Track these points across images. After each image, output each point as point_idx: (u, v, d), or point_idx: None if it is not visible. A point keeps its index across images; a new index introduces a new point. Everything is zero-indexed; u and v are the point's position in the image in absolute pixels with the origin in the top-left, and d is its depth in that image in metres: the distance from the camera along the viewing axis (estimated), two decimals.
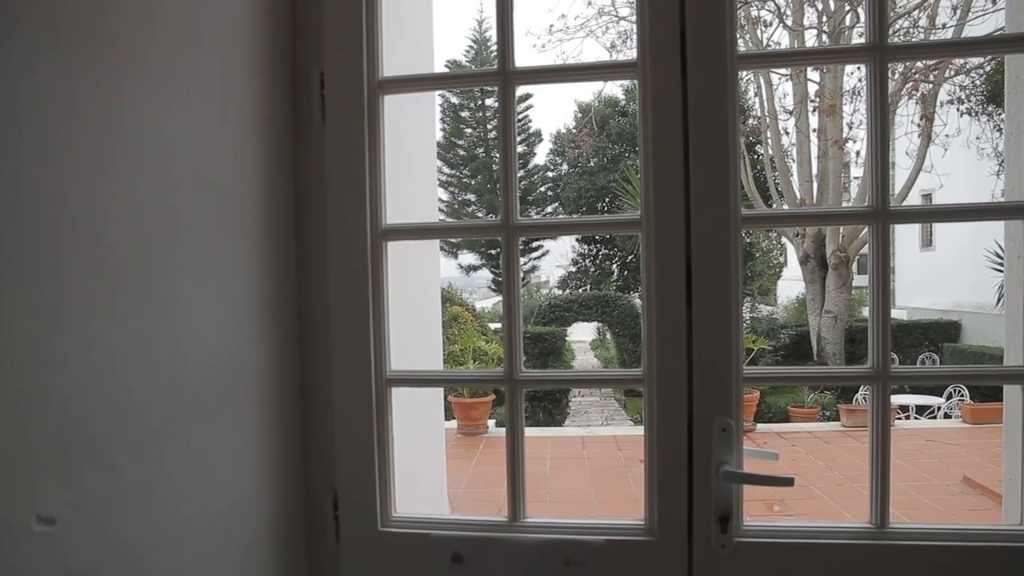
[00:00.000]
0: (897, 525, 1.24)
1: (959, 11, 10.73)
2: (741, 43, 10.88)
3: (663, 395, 1.25)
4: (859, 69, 11.07)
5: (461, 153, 23.63)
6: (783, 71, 12.22)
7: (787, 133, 12.92)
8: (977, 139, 11.82)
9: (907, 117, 11.39)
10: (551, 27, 17.71)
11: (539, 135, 24.02)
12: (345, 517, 1.36)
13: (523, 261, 13.38)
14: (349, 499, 1.36)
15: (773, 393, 10.08)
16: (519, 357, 1.33)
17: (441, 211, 21.40)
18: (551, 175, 23.90)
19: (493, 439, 7.70)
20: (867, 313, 1.31)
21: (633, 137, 19.49)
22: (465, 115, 23.62)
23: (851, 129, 12.24)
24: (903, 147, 11.84)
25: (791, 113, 12.53)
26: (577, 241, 22.17)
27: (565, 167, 22.82)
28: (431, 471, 2.45)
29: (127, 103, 0.99)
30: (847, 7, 11.35)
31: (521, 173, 21.24)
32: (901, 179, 11.72)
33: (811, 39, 12.16)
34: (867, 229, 1.28)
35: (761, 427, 8.49)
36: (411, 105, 2.16)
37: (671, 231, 1.23)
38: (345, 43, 1.32)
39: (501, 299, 1.35)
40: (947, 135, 11.60)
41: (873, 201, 1.22)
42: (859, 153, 12.91)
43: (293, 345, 1.37)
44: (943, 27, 10.88)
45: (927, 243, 16.56)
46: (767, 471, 1.24)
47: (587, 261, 22.53)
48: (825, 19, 11.87)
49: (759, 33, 11.99)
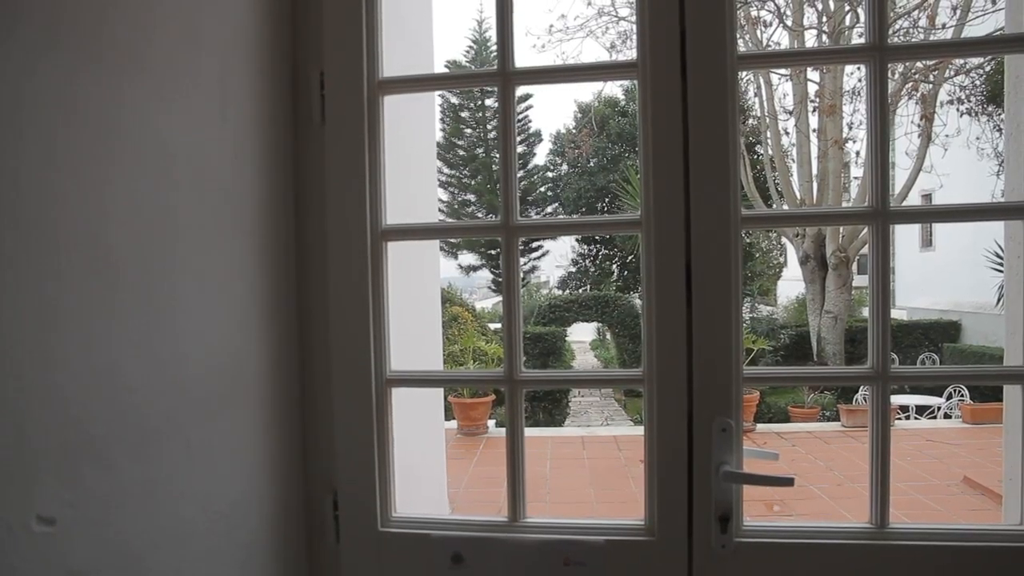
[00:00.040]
0: (897, 525, 1.24)
1: (959, 11, 10.73)
2: (741, 43, 10.88)
3: (663, 395, 1.25)
4: (859, 69, 11.08)
5: (461, 153, 23.64)
6: (783, 71, 12.23)
7: (787, 133, 12.93)
8: (977, 139, 11.82)
9: (907, 117, 11.40)
10: (551, 27, 17.76)
11: (539, 135, 24.05)
12: (345, 517, 1.36)
13: (523, 261, 13.38)
14: (349, 499, 1.36)
15: (773, 393, 10.08)
16: (519, 357, 1.33)
17: (441, 211, 21.41)
18: (551, 175, 23.91)
19: (493, 439, 7.70)
20: (867, 313, 1.31)
21: (633, 137, 19.49)
22: (465, 115, 23.63)
23: (851, 129, 12.25)
24: (903, 147, 11.85)
25: (791, 113, 12.53)
26: (577, 241, 22.18)
27: (565, 167, 22.83)
28: (431, 471, 2.45)
29: (127, 103, 1.00)
30: (847, 7, 11.35)
31: (521, 173, 21.25)
32: (901, 179, 11.72)
33: (811, 39, 12.16)
34: (867, 229, 1.28)
35: (761, 427, 8.50)
36: (411, 105, 2.15)
37: (671, 231, 1.23)
38: (345, 43, 1.32)
39: (501, 299, 1.35)
40: (947, 135, 11.60)
41: (873, 201, 1.22)
42: (859, 153, 12.92)
43: (293, 345, 1.37)
44: (943, 27, 10.88)
45: (927, 243, 16.56)
46: (767, 471, 1.24)
47: (587, 261, 22.54)
48: (825, 19, 11.88)
49: (759, 33, 12.00)
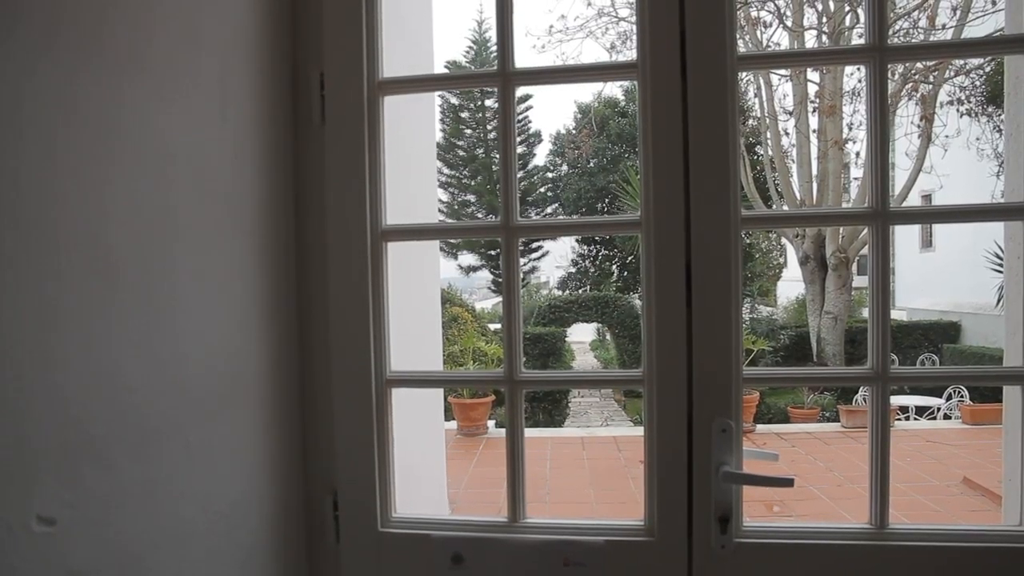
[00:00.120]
0: (897, 526, 1.24)
1: (959, 12, 10.73)
2: (741, 44, 10.88)
3: (663, 396, 1.25)
4: (859, 70, 11.08)
5: (461, 154, 23.64)
6: (783, 72, 12.23)
7: (787, 134, 12.92)
8: (977, 140, 11.82)
9: (907, 118, 11.40)
10: (551, 28, 17.77)
11: (539, 136, 24.05)
12: (345, 517, 1.36)
13: (523, 262, 13.38)
14: (349, 499, 1.36)
15: (773, 394, 10.08)
16: (519, 358, 1.33)
17: (441, 212, 21.42)
18: (551, 176, 23.91)
19: (493, 440, 7.70)
20: (867, 314, 1.31)
21: (633, 138, 19.50)
22: (465, 116, 23.63)
23: (851, 130, 12.25)
24: (903, 148, 11.85)
25: (791, 114, 12.53)
26: (577, 242, 22.16)
27: (565, 168, 22.81)
28: (431, 471, 2.45)
29: (127, 103, 1.00)
30: (847, 8, 11.35)
31: (521, 174, 21.25)
32: (901, 180, 11.72)
33: (811, 40, 12.16)
34: (867, 230, 1.28)
35: (761, 428, 8.50)
36: (411, 106, 2.16)
37: (671, 232, 1.23)
38: (345, 44, 1.32)
39: (501, 300, 1.35)
40: (947, 136, 11.60)
41: (873, 202, 1.22)
42: (859, 154, 12.91)
43: (293, 345, 1.37)
44: (943, 28, 10.88)
45: (927, 244, 16.56)
46: (767, 472, 1.24)
47: (587, 262, 22.53)
48: (825, 20, 11.88)
49: (759, 34, 12.00)
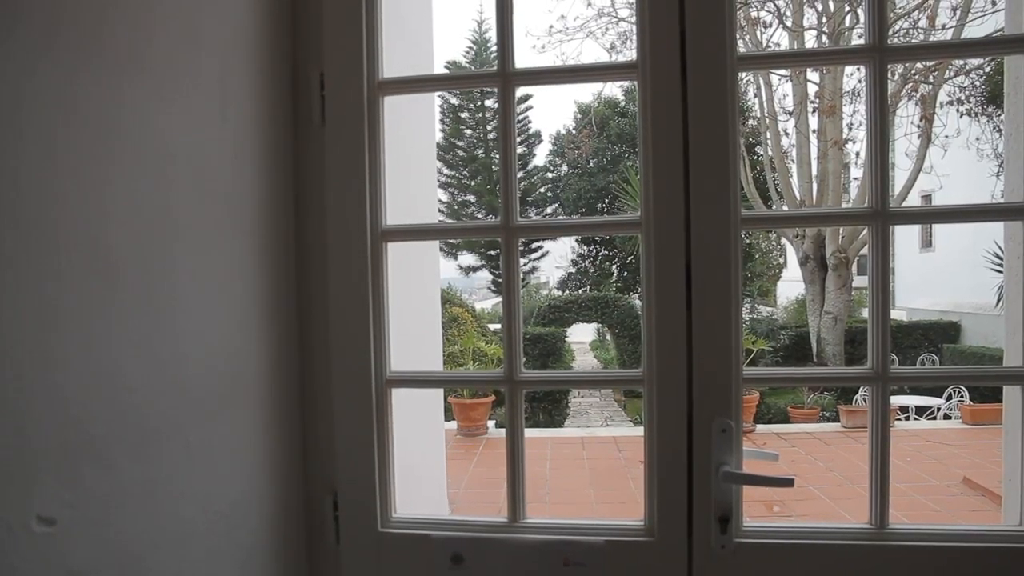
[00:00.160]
0: (897, 526, 1.24)
1: (959, 12, 10.74)
2: (741, 44, 10.89)
3: (663, 396, 1.25)
4: (859, 70, 11.08)
5: (461, 154, 23.64)
6: (783, 72, 12.23)
7: (787, 134, 12.93)
8: (977, 140, 11.82)
9: (907, 118, 11.40)
10: (551, 28, 17.81)
11: (539, 136, 24.05)
12: (345, 517, 1.36)
13: (523, 262, 13.37)
14: (349, 499, 1.36)
15: (773, 394, 10.08)
16: (519, 358, 1.33)
17: (441, 212, 21.42)
18: (551, 176, 23.91)
19: (493, 440, 7.70)
20: (867, 314, 1.31)
21: (633, 138, 19.49)
22: (465, 116, 23.63)
23: (851, 130, 12.25)
24: (903, 148, 11.85)
25: (791, 114, 12.53)
26: (577, 242, 22.16)
27: (565, 168, 22.82)
28: (431, 472, 2.45)
29: (127, 103, 1.00)
30: (847, 8, 11.35)
31: (521, 174, 21.24)
32: (901, 180, 11.72)
33: (811, 40, 12.16)
34: (867, 230, 1.28)
35: (761, 428, 8.50)
36: (411, 106, 2.16)
37: (671, 232, 1.23)
38: (345, 44, 1.32)
39: (501, 300, 1.35)
40: (947, 136, 11.60)
41: (873, 202, 1.22)
42: (859, 154, 12.91)
43: (293, 345, 1.37)
44: (943, 28, 10.88)
45: (927, 244, 16.56)
46: (767, 472, 1.24)
47: (587, 262, 22.53)
48: (825, 20, 11.88)
49: (759, 34, 12.00)
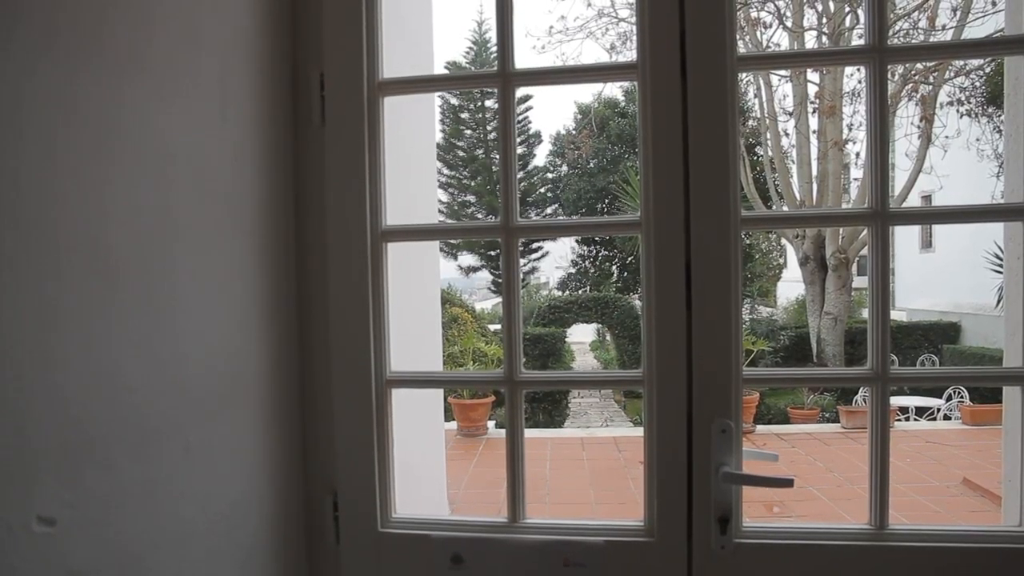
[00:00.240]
0: (896, 526, 1.24)
1: (959, 13, 10.73)
2: (741, 44, 10.88)
3: (663, 396, 1.25)
4: (859, 70, 11.08)
5: (461, 154, 23.65)
6: (783, 72, 12.23)
7: (787, 134, 12.93)
8: (977, 140, 11.81)
9: (907, 119, 11.40)
10: (551, 28, 17.82)
11: (539, 136, 24.06)
12: (345, 518, 1.36)
13: (523, 262, 13.36)
14: (349, 500, 1.36)
15: (773, 394, 10.07)
16: (519, 358, 1.33)
17: (441, 212, 21.41)
18: (551, 176, 23.92)
19: (493, 440, 7.70)
20: (867, 314, 1.31)
21: (633, 138, 19.50)
22: (465, 116, 23.64)
23: (851, 131, 12.26)
24: (903, 148, 11.85)
25: (791, 114, 12.53)
26: (577, 242, 22.16)
27: (565, 168, 22.83)
28: (431, 472, 2.45)
29: (127, 103, 1.00)
30: (847, 9, 11.35)
31: (521, 174, 21.25)
32: (901, 180, 11.72)
33: (811, 41, 12.17)
34: (867, 231, 1.28)
35: (761, 428, 8.50)
36: (411, 106, 2.16)
37: (671, 232, 1.23)
38: (345, 44, 1.32)
39: (501, 300, 1.35)
40: (947, 137, 11.60)
41: (873, 203, 1.22)
42: (859, 154, 12.92)
43: (293, 345, 1.37)
44: (943, 29, 10.88)
45: (927, 244, 16.56)
46: (766, 472, 1.24)
47: (587, 262, 22.54)
48: (825, 21, 11.88)
49: (759, 34, 12.00)
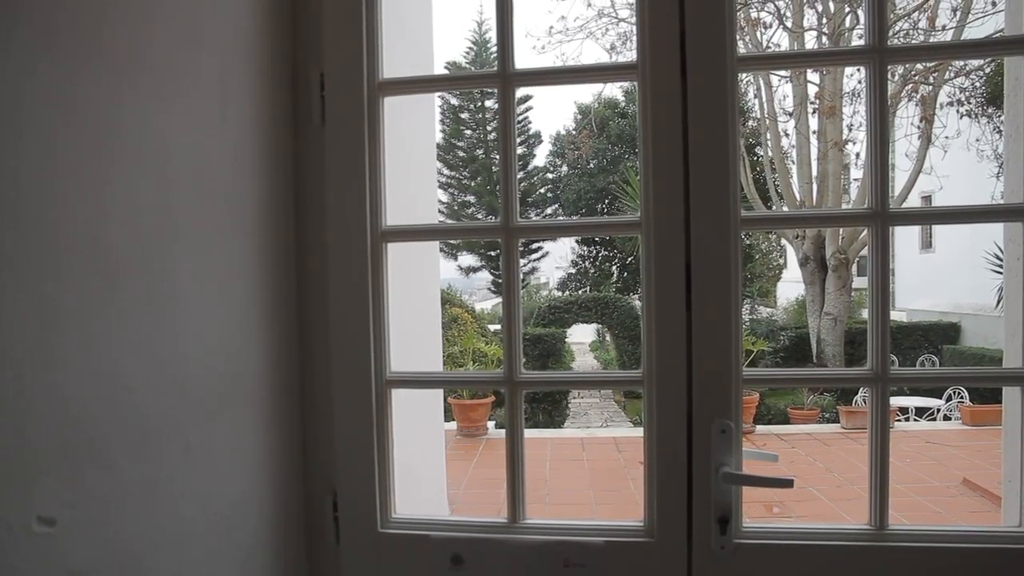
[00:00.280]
0: (896, 527, 1.24)
1: (959, 13, 10.73)
2: (741, 45, 10.88)
3: (663, 397, 1.25)
4: (859, 71, 11.08)
5: (461, 155, 23.64)
6: (783, 73, 12.23)
7: (787, 135, 12.92)
8: (977, 141, 11.81)
9: (907, 119, 11.40)
10: (551, 29, 17.81)
11: (539, 137, 24.05)
12: (345, 518, 1.36)
13: (523, 263, 13.36)
14: (349, 500, 1.36)
15: (773, 395, 10.07)
16: (519, 359, 1.33)
17: (441, 212, 21.40)
18: (551, 177, 23.91)
19: (493, 440, 7.71)
20: (867, 315, 1.31)
21: (633, 139, 19.50)
22: (465, 116, 23.63)
23: (851, 131, 12.25)
24: (903, 149, 11.85)
25: (791, 115, 12.52)
26: (577, 243, 22.15)
27: (565, 169, 22.82)
28: (431, 472, 2.44)
29: (127, 103, 1.00)
30: (847, 9, 11.35)
31: (521, 175, 21.25)
32: (901, 181, 11.72)
33: (811, 41, 12.17)
34: (866, 231, 1.28)
35: (761, 429, 8.50)
36: (411, 106, 2.16)
37: (671, 233, 1.23)
38: (345, 44, 1.32)
39: (501, 301, 1.35)
40: (947, 137, 11.59)
41: (873, 203, 1.22)
42: (859, 155, 12.92)
43: (293, 346, 1.37)
44: (943, 29, 10.88)
45: (927, 245, 16.56)
46: (766, 473, 1.24)
47: (587, 263, 22.53)
48: (825, 21, 11.88)
49: (759, 35, 12.00)
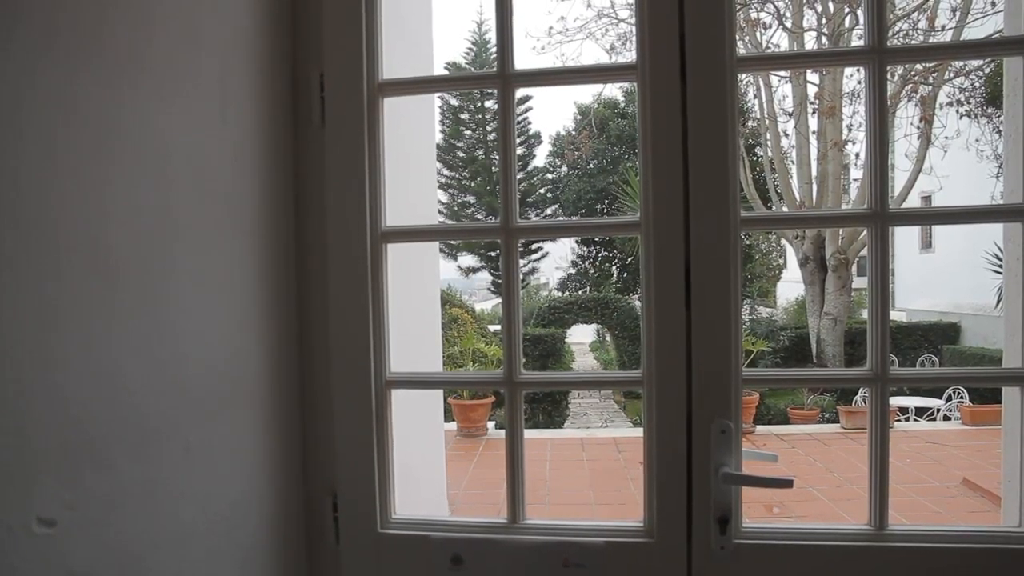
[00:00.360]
0: (896, 527, 1.24)
1: (958, 13, 10.74)
2: (740, 45, 10.89)
3: (662, 397, 1.25)
4: (858, 71, 11.08)
5: (460, 155, 23.63)
6: (782, 73, 12.23)
7: (786, 135, 12.92)
8: (976, 141, 11.81)
9: (906, 119, 11.40)
10: (550, 29, 17.84)
11: (538, 137, 24.04)
12: (345, 518, 1.36)
13: (522, 263, 13.36)
14: (349, 500, 1.36)
15: (772, 395, 10.07)
16: (518, 359, 1.33)
17: (441, 213, 21.40)
18: (551, 177, 23.91)
19: (493, 441, 7.71)
20: (866, 315, 1.31)
21: (633, 139, 19.50)
22: (465, 117, 23.62)
23: (850, 131, 12.24)
24: (902, 149, 11.84)
25: (790, 115, 12.52)
26: (576, 243, 22.15)
27: (564, 169, 22.82)
28: (430, 473, 2.44)
29: (127, 103, 1.00)
30: (846, 9, 11.35)
31: (520, 175, 21.24)
32: (901, 181, 11.72)
33: (810, 41, 12.17)
34: (866, 231, 1.28)
35: (760, 429, 8.50)
36: (411, 107, 2.16)
37: (670, 233, 1.23)
38: (345, 45, 1.32)
39: (500, 301, 1.35)
40: (946, 137, 11.59)
41: (872, 203, 1.22)
42: (859, 155, 12.91)
43: (293, 346, 1.37)
44: (942, 29, 10.88)
45: (927, 245, 16.56)
46: (766, 473, 1.24)
47: (586, 263, 22.53)
48: (824, 21, 11.88)
49: (758, 35, 12.00)
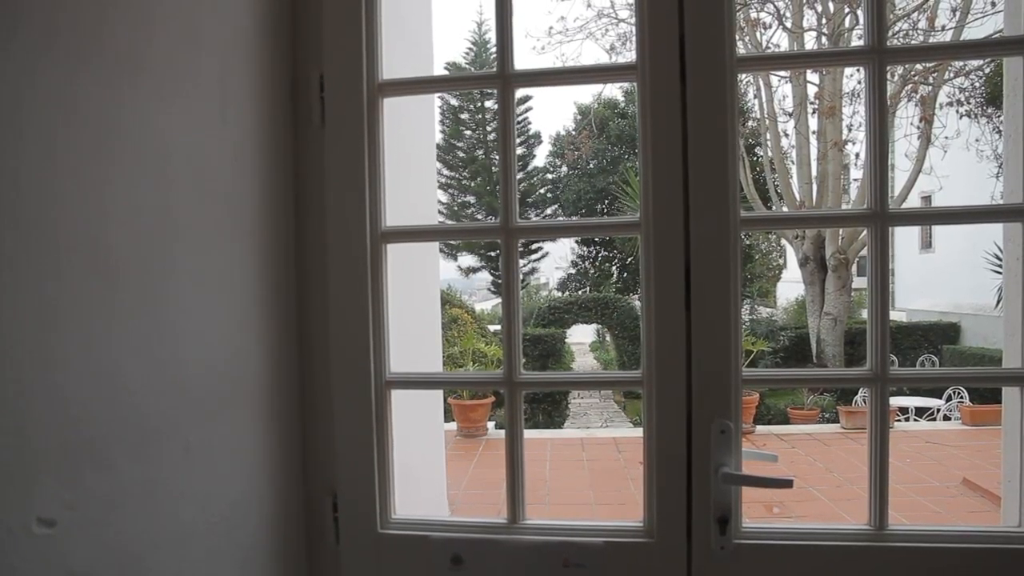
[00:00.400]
0: (896, 527, 1.24)
1: (958, 13, 10.74)
2: (740, 45, 10.88)
3: (662, 397, 1.25)
4: (858, 71, 11.09)
5: (460, 155, 23.63)
6: (782, 73, 12.23)
7: (786, 135, 12.92)
8: (976, 141, 11.81)
9: (906, 119, 11.40)
10: (550, 29, 17.84)
11: (538, 137, 24.04)
12: (345, 519, 1.36)
13: (522, 263, 13.38)
14: (349, 501, 1.36)
15: (772, 395, 10.07)
16: (518, 359, 1.33)
17: (441, 213, 21.40)
18: (550, 177, 23.91)
19: (492, 441, 7.71)
20: (866, 315, 1.31)
21: (632, 139, 19.50)
22: (464, 117, 23.63)
23: (850, 131, 12.24)
24: (902, 149, 11.84)
25: (790, 115, 12.52)
26: (576, 243, 22.16)
27: (564, 169, 22.82)
28: (430, 473, 2.44)
29: (127, 103, 1.00)
30: (846, 9, 11.35)
31: (520, 175, 21.25)
32: (901, 181, 11.72)
33: (810, 41, 12.17)
34: (866, 231, 1.28)
35: (760, 429, 8.50)
36: (411, 107, 2.16)
37: (670, 233, 1.23)
38: (345, 45, 1.32)
39: (500, 301, 1.35)
40: (946, 137, 11.59)
41: (872, 204, 1.22)
42: (859, 155, 12.91)
43: (293, 346, 1.37)
44: (942, 29, 10.88)
45: (927, 245, 16.56)
46: (766, 473, 1.24)
47: (586, 263, 22.54)
48: (824, 21, 11.88)
49: (758, 35, 12.00)
